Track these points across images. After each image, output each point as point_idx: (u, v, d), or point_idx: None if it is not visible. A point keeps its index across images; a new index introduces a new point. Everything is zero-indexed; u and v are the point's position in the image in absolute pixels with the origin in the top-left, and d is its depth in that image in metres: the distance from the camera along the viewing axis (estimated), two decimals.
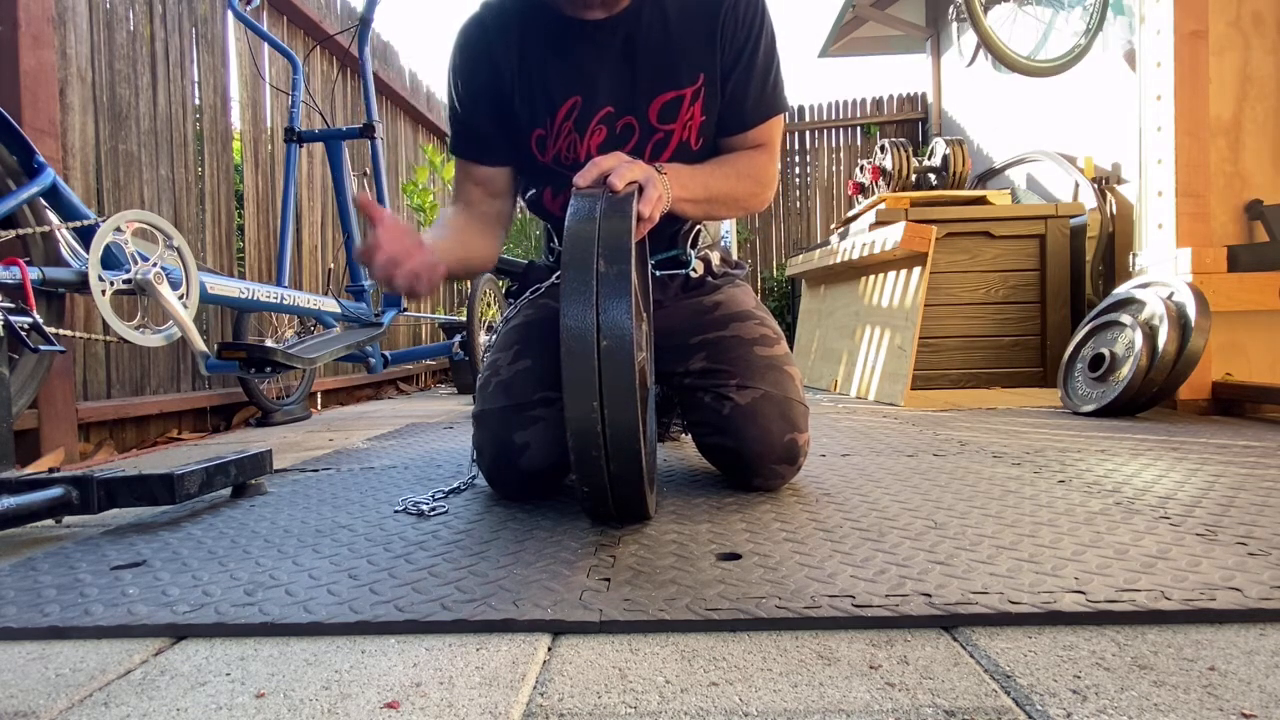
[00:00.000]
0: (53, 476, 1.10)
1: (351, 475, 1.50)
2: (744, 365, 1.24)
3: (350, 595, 0.78)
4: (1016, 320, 3.29)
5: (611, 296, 0.88)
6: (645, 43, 1.20)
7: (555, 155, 1.26)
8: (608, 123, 1.23)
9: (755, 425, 1.19)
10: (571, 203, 0.97)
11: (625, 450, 0.90)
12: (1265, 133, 2.40)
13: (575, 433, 0.89)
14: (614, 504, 0.98)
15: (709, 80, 1.23)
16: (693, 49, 1.21)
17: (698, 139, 1.25)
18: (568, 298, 0.88)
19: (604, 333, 0.87)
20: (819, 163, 6.27)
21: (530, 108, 1.24)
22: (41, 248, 1.60)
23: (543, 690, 0.59)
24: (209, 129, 2.66)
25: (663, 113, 1.23)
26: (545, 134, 1.25)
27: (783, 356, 1.28)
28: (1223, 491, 1.17)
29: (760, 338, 1.28)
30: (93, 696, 0.60)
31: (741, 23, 1.22)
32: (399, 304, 2.73)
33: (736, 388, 1.21)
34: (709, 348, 1.27)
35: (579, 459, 0.91)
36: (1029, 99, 4.06)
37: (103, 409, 2.06)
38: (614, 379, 0.87)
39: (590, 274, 0.89)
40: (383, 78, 4.02)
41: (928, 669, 0.60)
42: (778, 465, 1.20)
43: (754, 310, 1.35)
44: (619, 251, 0.90)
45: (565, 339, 0.88)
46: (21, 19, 1.79)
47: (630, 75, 1.21)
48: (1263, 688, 0.56)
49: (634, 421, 0.88)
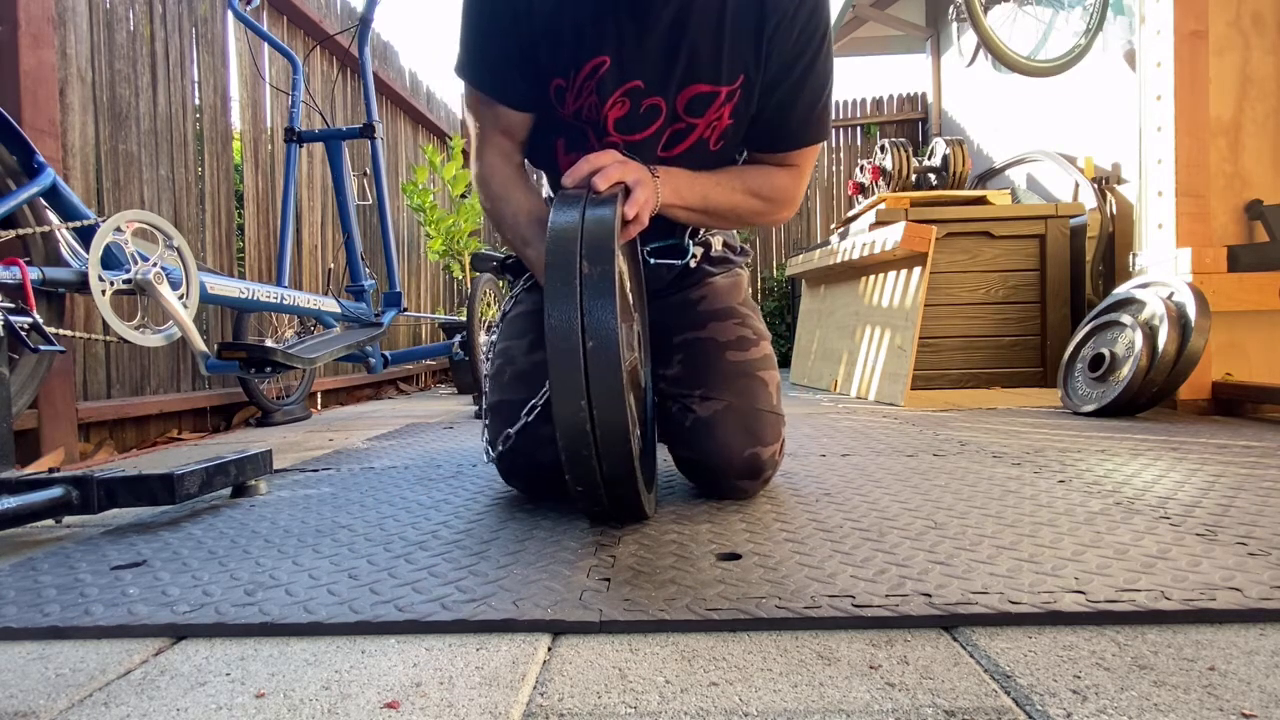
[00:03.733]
0: (53, 476, 1.10)
1: (351, 475, 1.50)
2: (711, 374, 1.19)
3: (350, 595, 0.78)
4: (1016, 320, 3.29)
5: (596, 297, 0.87)
6: (696, 26, 1.09)
7: (577, 110, 1.16)
8: (633, 98, 1.13)
9: (714, 440, 1.15)
10: (554, 204, 0.96)
11: (616, 451, 0.90)
12: (1265, 133, 2.39)
13: (564, 433, 0.89)
14: (609, 504, 0.98)
15: (747, 84, 1.13)
16: (741, 46, 1.10)
17: (718, 140, 1.17)
18: (551, 299, 0.88)
19: (589, 333, 0.87)
20: (819, 163, 6.27)
21: (554, 52, 1.12)
22: (41, 248, 1.60)
23: (543, 690, 0.59)
24: (209, 129, 2.65)
25: (691, 105, 1.14)
26: (565, 86, 1.14)
27: (758, 361, 1.23)
28: (1223, 491, 1.17)
29: (736, 340, 1.24)
30: (93, 696, 0.60)
31: (801, 31, 1.10)
32: (399, 304, 2.73)
33: (700, 399, 1.17)
34: (685, 350, 1.24)
35: (570, 459, 0.91)
36: (1029, 99, 4.06)
37: (103, 409, 2.06)
38: (601, 379, 0.87)
39: (574, 274, 0.88)
40: (383, 78, 4.02)
41: (928, 669, 0.60)
42: (740, 480, 1.16)
43: (737, 307, 1.29)
44: (602, 252, 0.89)
45: (550, 339, 0.87)
46: (21, 19, 1.79)
47: (670, 56, 1.10)
48: (1263, 688, 0.56)
49: (623, 421, 0.88)
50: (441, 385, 4.69)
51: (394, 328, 4.16)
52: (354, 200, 2.76)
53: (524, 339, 1.23)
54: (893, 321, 2.83)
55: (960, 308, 3.28)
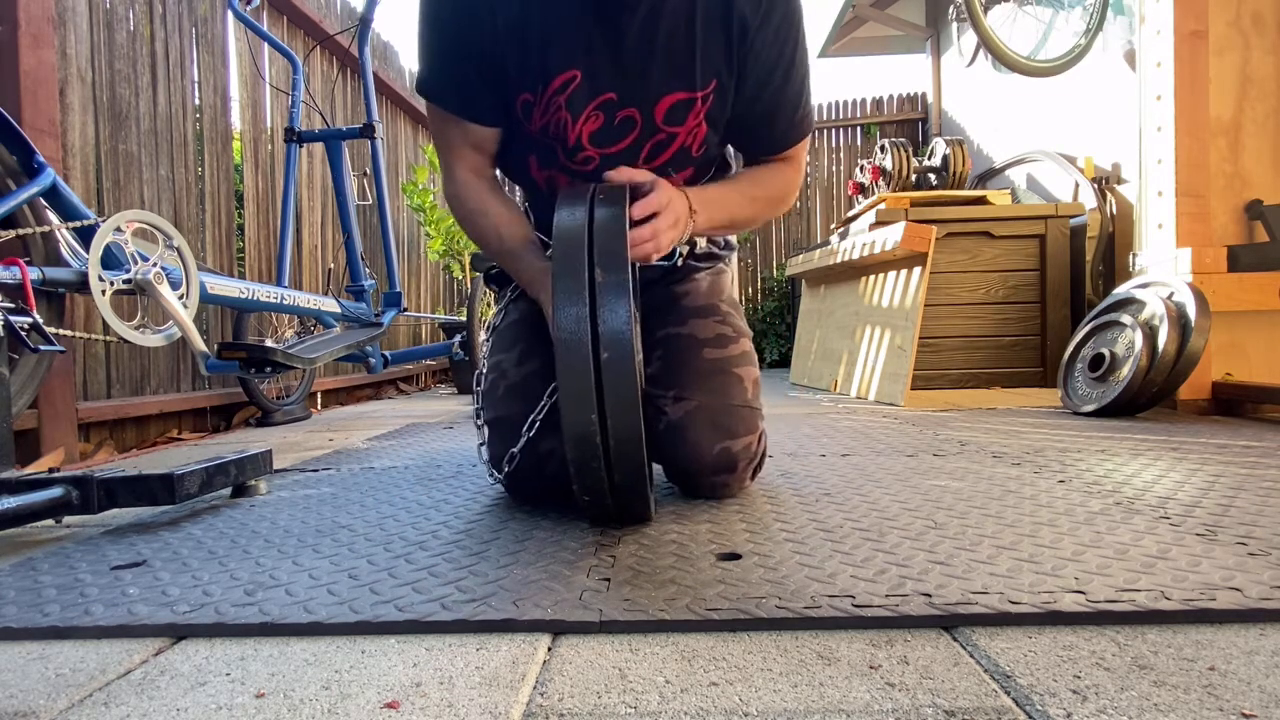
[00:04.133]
0: (53, 476, 1.10)
1: (351, 475, 1.50)
2: (686, 372, 1.18)
3: (350, 595, 0.78)
4: (1016, 320, 3.29)
5: (609, 306, 0.84)
6: (667, 31, 1.05)
7: (544, 127, 1.13)
8: (606, 110, 1.11)
9: (685, 442, 1.14)
10: (559, 202, 0.92)
11: (629, 462, 0.89)
12: (1265, 133, 2.39)
13: (574, 445, 0.87)
14: (616, 510, 0.98)
15: (720, 89, 1.11)
16: (712, 49, 1.08)
17: (700, 147, 1.16)
18: (560, 305, 0.85)
19: (603, 344, 0.84)
20: (819, 163, 6.27)
21: (521, 68, 1.08)
22: (41, 248, 1.60)
23: (543, 690, 0.59)
24: (209, 129, 2.66)
25: (671, 114, 1.11)
26: (532, 101, 1.11)
27: (736, 358, 1.22)
28: (1223, 491, 1.17)
29: (715, 337, 1.22)
30: (93, 696, 0.60)
31: (776, 34, 1.09)
32: (399, 304, 2.73)
33: (673, 400, 1.15)
34: (664, 346, 1.22)
35: (578, 470, 0.90)
36: (1029, 99, 4.06)
37: (103, 409, 2.06)
38: (616, 391, 0.85)
39: (583, 280, 0.85)
40: (383, 78, 4.02)
41: (928, 669, 0.60)
42: (714, 476, 1.16)
43: (718, 304, 1.28)
44: (615, 257, 0.86)
45: (559, 350, 0.84)
46: (21, 19, 1.79)
47: (644, 65, 1.07)
48: (1263, 688, 0.56)
49: (637, 434, 0.87)
50: (441, 385, 4.69)
51: (394, 328, 4.16)
52: (354, 200, 2.76)
53: (513, 350, 1.21)
54: (893, 321, 2.83)
55: (960, 308, 3.28)
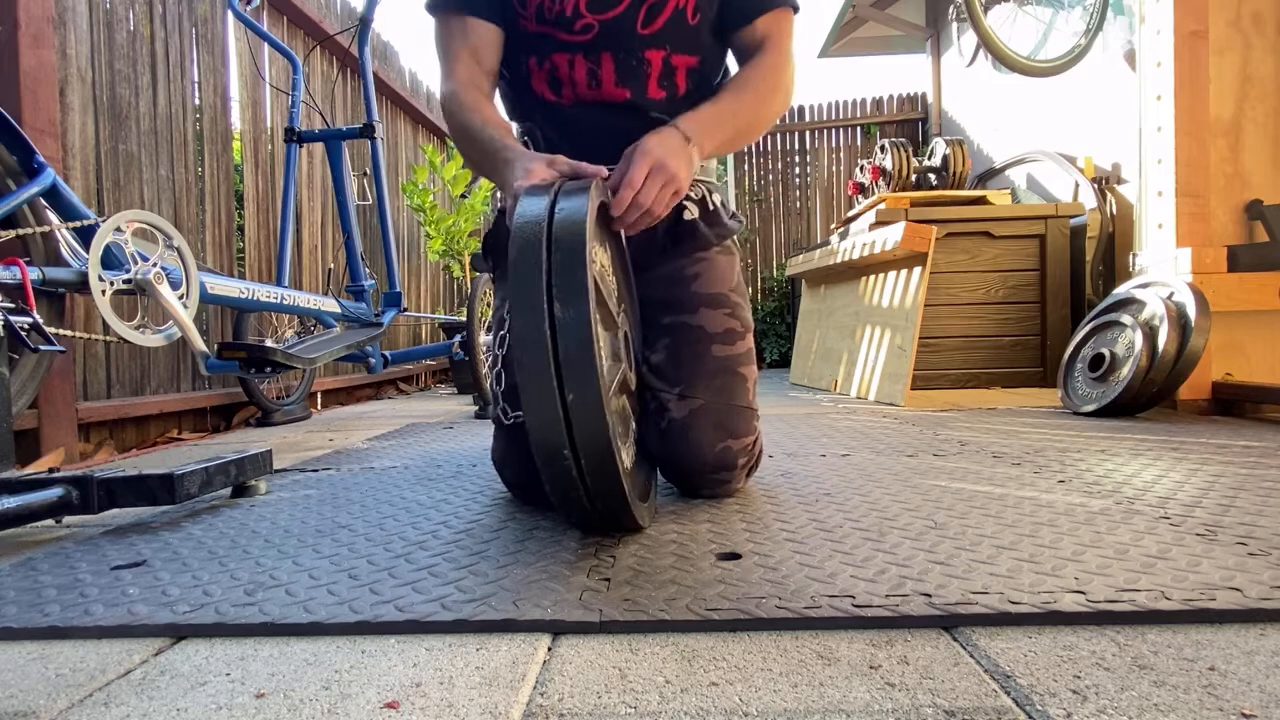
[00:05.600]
0: (53, 476, 1.10)
1: (351, 475, 1.50)
2: (694, 369, 1.18)
3: (350, 595, 0.78)
4: (1016, 320, 3.29)
5: (567, 302, 0.80)
6: None
7: (538, 8, 1.13)
8: None
9: (688, 442, 1.14)
10: (521, 195, 0.89)
11: (600, 470, 0.85)
12: (1265, 133, 2.39)
13: (540, 452, 0.85)
14: (599, 520, 0.95)
15: None
16: None
17: (695, 13, 1.15)
18: (515, 306, 0.81)
19: (560, 344, 0.80)
20: (819, 163, 6.27)
21: None
22: (41, 248, 1.60)
23: (543, 690, 0.59)
24: (209, 129, 2.65)
25: None
26: None
27: (741, 355, 1.22)
28: (1223, 491, 1.17)
29: (725, 332, 1.22)
30: (93, 696, 0.60)
31: None
32: (399, 304, 2.73)
33: (678, 398, 1.16)
34: (672, 335, 1.21)
35: (550, 478, 0.87)
36: (1029, 99, 4.06)
37: (103, 409, 2.06)
38: (578, 392, 0.80)
39: (539, 278, 0.81)
40: (383, 78, 4.01)
41: (928, 669, 0.60)
42: (712, 474, 1.17)
43: (728, 294, 1.26)
44: (572, 255, 0.82)
45: (516, 353, 0.81)
46: (21, 19, 1.79)
47: None
48: (1263, 688, 0.56)
49: (605, 444, 0.83)
50: (441, 385, 4.69)
51: (394, 328, 4.16)
52: (354, 200, 2.76)
53: None
54: (893, 321, 2.83)
55: (960, 308, 3.28)
